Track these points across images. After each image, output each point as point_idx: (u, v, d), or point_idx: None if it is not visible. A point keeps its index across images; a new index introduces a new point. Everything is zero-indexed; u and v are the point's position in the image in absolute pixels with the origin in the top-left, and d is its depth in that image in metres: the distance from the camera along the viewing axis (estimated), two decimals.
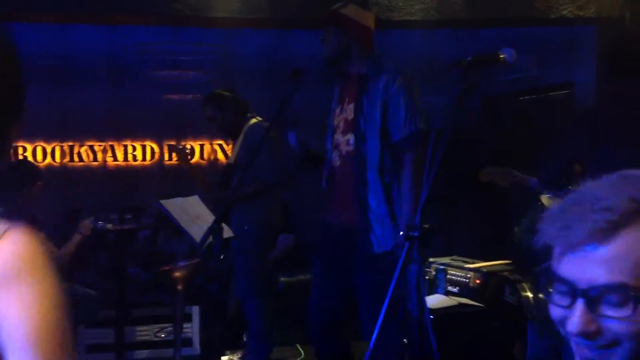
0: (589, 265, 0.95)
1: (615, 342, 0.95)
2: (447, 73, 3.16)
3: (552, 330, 2.80)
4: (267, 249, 4.47)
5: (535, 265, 3.22)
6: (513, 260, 3.97)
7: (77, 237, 3.90)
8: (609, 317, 0.94)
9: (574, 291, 0.96)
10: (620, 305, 0.93)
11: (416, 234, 2.19)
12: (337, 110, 3.21)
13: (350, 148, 3.11)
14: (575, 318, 0.96)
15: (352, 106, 3.12)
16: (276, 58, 6.02)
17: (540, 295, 3.55)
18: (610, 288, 0.93)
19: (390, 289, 2.15)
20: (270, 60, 6.01)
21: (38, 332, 0.92)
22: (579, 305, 0.96)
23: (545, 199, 3.52)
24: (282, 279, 5.18)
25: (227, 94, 4.30)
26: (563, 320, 0.99)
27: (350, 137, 3.10)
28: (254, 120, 4.26)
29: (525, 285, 3.59)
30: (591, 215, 0.94)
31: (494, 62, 2.44)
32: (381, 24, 3.39)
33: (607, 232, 0.93)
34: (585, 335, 0.96)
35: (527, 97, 5.89)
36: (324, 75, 3.44)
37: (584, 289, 0.95)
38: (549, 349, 3.28)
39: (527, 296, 3.55)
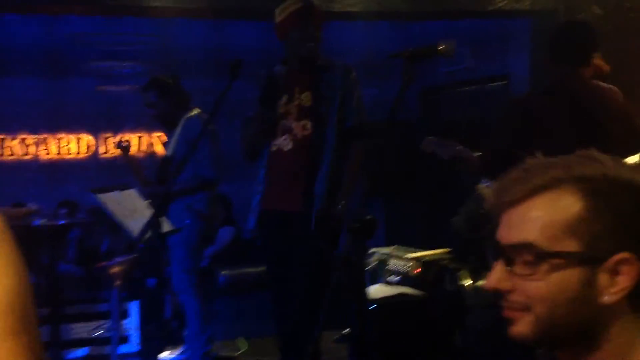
0: (510, 224, 1.00)
1: (526, 306, 0.99)
2: (387, 64, 3.20)
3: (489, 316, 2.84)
4: (204, 244, 4.42)
5: (473, 253, 3.26)
6: (452, 248, 4.03)
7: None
8: (522, 276, 0.98)
9: (497, 249, 1.01)
10: (533, 265, 0.97)
11: (358, 225, 2.19)
12: (285, 98, 3.26)
13: (307, 132, 3.21)
14: (490, 274, 1.01)
15: (307, 94, 3.24)
16: (214, 49, 5.95)
17: (479, 283, 3.62)
18: (523, 246, 0.98)
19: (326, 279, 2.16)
20: (209, 51, 5.94)
21: (7, 301, 0.87)
22: (499, 263, 1.01)
23: (483, 188, 3.57)
24: (223, 272, 5.13)
25: (170, 81, 4.20)
26: None
27: (307, 122, 3.21)
28: (193, 112, 4.17)
29: (464, 273, 3.65)
30: (524, 178, 1.00)
31: (433, 54, 2.44)
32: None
33: (530, 193, 0.99)
34: (496, 291, 1.00)
35: (464, 89, 5.99)
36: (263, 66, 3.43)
37: (502, 246, 1.00)
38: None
39: (466, 284, 3.61)
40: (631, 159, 3.94)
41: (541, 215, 0.98)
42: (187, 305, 4.13)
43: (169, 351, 4.50)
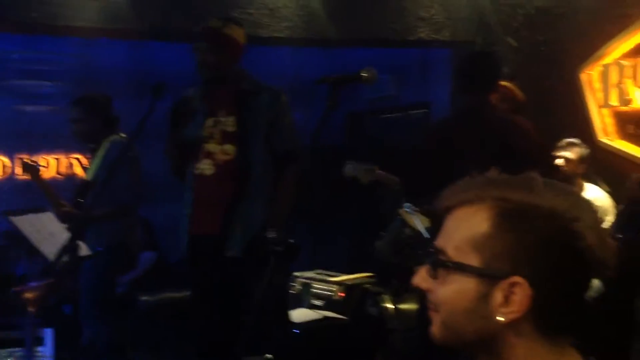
0: (441, 230, 1.07)
1: (436, 307, 1.06)
2: (312, 90, 3.23)
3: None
4: (117, 271, 4.28)
5: (395, 276, 3.31)
6: (374, 273, 4.07)
7: None
8: (432, 276, 1.05)
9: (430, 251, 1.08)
10: (440, 269, 1.04)
11: (281, 248, 2.19)
12: (210, 122, 3.24)
13: (229, 157, 3.19)
14: (417, 272, 1.08)
15: (232, 119, 3.22)
16: (137, 70, 5.86)
17: (401, 306, 3.67)
18: (437, 250, 1.05)
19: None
20: (131, 72, 5.84)
21: None
22: (426, 264, 1.07)
23: (404, 213, 3.64)
24: (144, 297, 5.02)
25: (102, 99, 4.09)
26: None
27: (230, 147, 3.19)
28: (116, 136, 4.07)
29: (385, 297, 3.70)
30: (457, 191, 1.07)
31: (356, 81, 2.50)
32: (248, 40, 3.40)
33: (456, 205, 1.06)
34: (418, 288, 1.08)
35: (388, 115, 6.11)
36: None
37: (432, 248, 1.07)
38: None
39: (388, 307, 3.66)
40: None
41: (456, 227, 1.05)
42: (96, 335, 3.98)
43: None
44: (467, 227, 1.03)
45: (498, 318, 1.00)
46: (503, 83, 4.45)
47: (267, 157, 3.22)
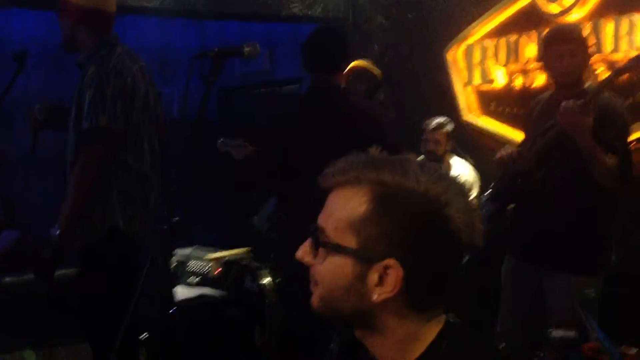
0: (324, 208, 1.11)
1: (316, 282, 1.11)
2: (189, 64, 3.12)
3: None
4: None
5: (273, 251, 3.30)
6: (252, 248, 4.07)
7: None
8: (313, 253, 1.10)
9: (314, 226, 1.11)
10: (320, 247, 1.09)
11: (165, 227, 2.14)
12: None
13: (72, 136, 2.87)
14: (301, 246, 1.12)
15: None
16: None
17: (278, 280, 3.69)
18: (317, 229, 1.09)
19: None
20: None
21: None
22: (309, 239, 1.11)
23: None
24: (7, 279, 4.72)
25: None
26: None
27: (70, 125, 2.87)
28: None
29: (264, 272, 3.71)
30: (340, 171, 1.09)
31: (238, 55, 2.46)
32: (115, 9, 3.15)
33: (338, 185, 1.09)
34: (300, 260, 1.12)
35: (261, 90, 6.09)
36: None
37: (315, 225, 1.10)
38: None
39: (266, 282, 3.67)
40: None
41: (336, 208, 1.08)
42: None
43: None
44: (345, 209, 1.06)
45: (375, 298, 1.06)
46: (360, 62, 4.57)
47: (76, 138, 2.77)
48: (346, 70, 4.46)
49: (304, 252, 1.12)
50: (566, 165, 2.72)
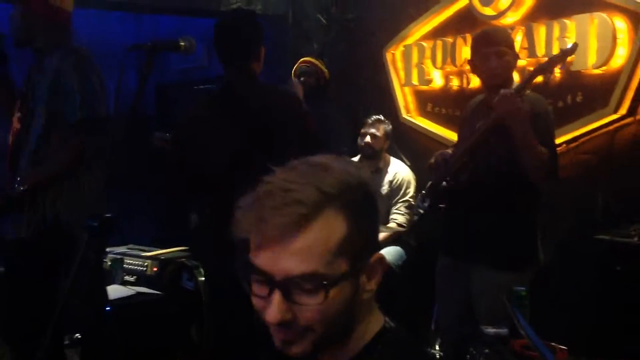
0: (284, 257, 0.98)
1: (309, 327, 1.01)
2: (123, 57, 3.04)
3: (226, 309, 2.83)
4: None
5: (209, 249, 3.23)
6: (189, 246, 4.02)
7: None
8: (304, 304, 0.99)
9: (271, 282, 1.00)
10: (313, 292, 0.99)
11: (96, 223, 2.08)
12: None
13: (18, 126, 2.90)
14: (272, 308, 0.99)
15: (27, 82, 2.92)
16: None
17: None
18: (304, 278, 0.98)
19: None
20: None
21: None
22: (276, 296, 0.99)
23: None
24: None
25: None
26: (263, 310, 1.02)
27: (19, 115, 2.89)
28: None
29: (201, 270, 3.67)
30: (284, 209, 0.97)
31: (174, 49, 2.43)
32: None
33: (299, 224, 0.98)
34: (282, 324, 1.00)
35: (200, 87, 6.02)
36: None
37: (280, 280, 0.99)
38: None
39: (203, 280, 3.63)
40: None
41: (316, 244, 0.98)
42: None
43: None
44: (328, 241, 0.99)
45: (364, 297, 1.05)
46: (308, 59, 4.58)
47: (51, 125, 2.80)
48: (297, 65, 4.48)
49: (280, 312, 0.99)
50: (491, 164, 2.78)
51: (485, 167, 2.81)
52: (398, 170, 4.25)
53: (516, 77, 3.49)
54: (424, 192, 3.11)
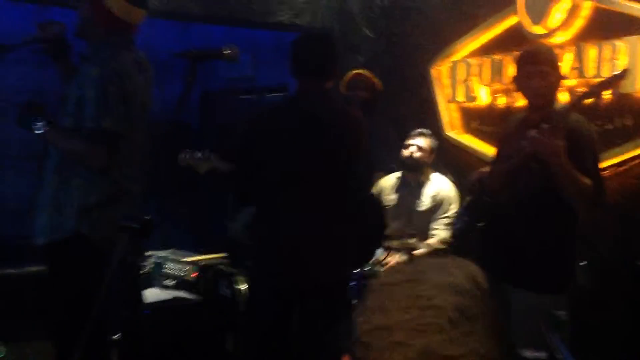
0: None
1: None
2: (166, 64, 3.07)
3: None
4: None
5: (249, 258, 3.27)
6: (228, 253, 4.05)
7: None
8: None
9: None
10: None
11: (137, 225, 2.11)
12: None
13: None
14: None
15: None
16: None
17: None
18: None
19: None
20: None
21: None
22: None
23: None
24: None
25: None
26: None
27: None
28: None
29: (239, 279, 3.69)
30: None
31: (217, 57, 2.46)
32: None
33: None
34: None
35: (245, 97, 6.07)
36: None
37: None
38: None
39: (241, 289, 3.65)
40: (392, 176, 4.29)
41: None
42: None
43: None
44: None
45: None
46: (362, 71, 4.58)
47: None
48: (350, 77, 4.48)
49: None
50: (531, 185, 2.76)
51: (525, 189, 2.78)
52: (441, 186, 4.20)
53: (565, 96, 3.46)
54: (461, 209, 3.10)
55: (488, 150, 4.28)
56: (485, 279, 0.98)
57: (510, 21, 4.17)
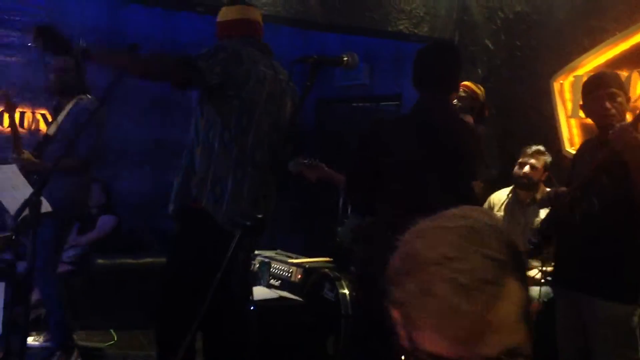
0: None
1: None
2: (289, 70, 3.14)
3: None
4: (69, 227, 4.19)
5: (353, 263, 3.29)
6: (334, 257, 4.09)
7: None
8: None
9: None
10: None
11: (249, 223, 2.16)
12: None
13: None
14: None
15: None
16: (107, 31, 5.76)
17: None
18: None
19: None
20: (100, 33, 5.72)
21: None
22: None
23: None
24: (100, 260, 4.95)
25: None
26: None
27: None
28: (84, 96, 4.00)
29: (343, 283, 3.72)
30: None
31: (337, 64, 2.48)
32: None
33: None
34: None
35: (359, 104, 6.11)
36: None
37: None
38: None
39: (344, 293, 3.68)
40: (503, 192, 4.20)
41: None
42: (47, 292, 3.92)
43: (35, 337, 4.29)
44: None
45: None
46: (467, 82, 4.51)
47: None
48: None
49: None
50: (605, 197, 2.79)
51: (599, 200, 2.80)
52: None
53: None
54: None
55: None
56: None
57: (638, 38, 3.98)
